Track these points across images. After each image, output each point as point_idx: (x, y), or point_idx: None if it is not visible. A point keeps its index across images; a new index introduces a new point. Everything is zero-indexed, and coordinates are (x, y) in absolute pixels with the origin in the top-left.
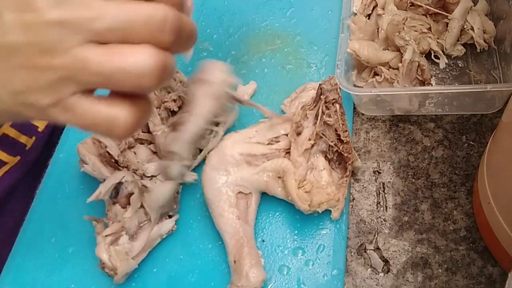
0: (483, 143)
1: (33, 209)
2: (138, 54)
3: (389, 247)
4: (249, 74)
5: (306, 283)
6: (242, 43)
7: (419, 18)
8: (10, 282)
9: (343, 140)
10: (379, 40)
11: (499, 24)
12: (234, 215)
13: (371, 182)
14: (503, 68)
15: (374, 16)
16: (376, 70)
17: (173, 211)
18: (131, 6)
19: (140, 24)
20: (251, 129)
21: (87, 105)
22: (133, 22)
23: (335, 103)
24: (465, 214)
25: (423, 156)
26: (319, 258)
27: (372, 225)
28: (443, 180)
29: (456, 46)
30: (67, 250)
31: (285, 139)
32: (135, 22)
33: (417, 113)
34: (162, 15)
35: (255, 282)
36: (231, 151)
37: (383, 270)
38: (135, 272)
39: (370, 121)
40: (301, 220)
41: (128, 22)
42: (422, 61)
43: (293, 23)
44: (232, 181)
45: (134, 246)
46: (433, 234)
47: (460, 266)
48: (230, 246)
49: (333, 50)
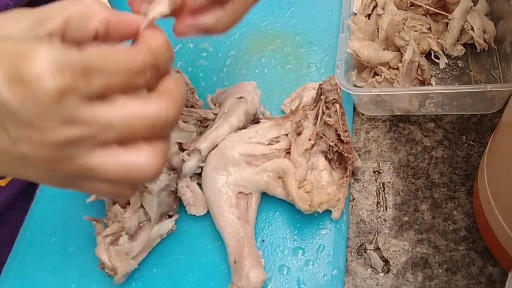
0: (483, 143)
1: (33, 209)
2: (140, 155)
3: (389, 247)
4: (249, 74)
5: (306, 283)
6: (242, 43)
7: (419, 18)
8: (10, 282)
9: (343, 140)
10: (379, 40)
11: (499, 24)
12: (234, 215)
13: (371, 182)
14: (503, 68)
15: (374, 16)
16: (376, 70)
17: (173, 211)
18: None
19: (143, 128)
20: (251, 129)
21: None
22: (136, 128)
23: (335, 103)
24: (465, 214)
25: (423, 156)
26: (319, 258)
27: (372, 225)
28: (443, 180)
29: (456, 46)
30: (67, 250)
31: (285, 139)
32: (139, 127)
33: (417, 113)
34: (164, 118)
35: (256, 282)
36: (231, 151)
37: (383, 270)
38: (135, 272)
39: (370, 121)
40: (301, 220)
41: (132, 128)
42: (422, 61)
43: (293, 23)
44: (232, 181)
45: (134, 246)
46: (433, 234)
47: (460, 266)
48: (230, 246)
49: (333, 50)
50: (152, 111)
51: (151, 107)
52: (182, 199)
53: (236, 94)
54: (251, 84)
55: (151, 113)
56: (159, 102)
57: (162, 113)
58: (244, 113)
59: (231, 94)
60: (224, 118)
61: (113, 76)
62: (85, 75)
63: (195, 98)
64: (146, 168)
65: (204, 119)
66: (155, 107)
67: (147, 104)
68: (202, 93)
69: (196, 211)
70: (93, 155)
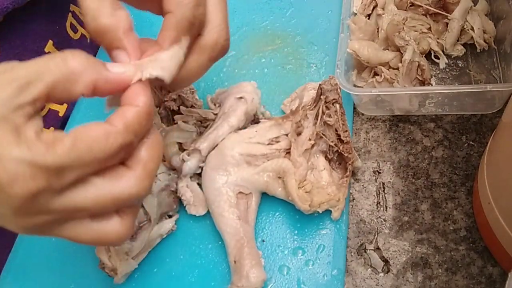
0: (483, 143)
1: None
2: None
3: (389, 247)
4: (249, 74)
5: (306, 283)
6: (242, 43)
7: (419, 18)
8: (10, 282)
9: (343, 140)
10: (379, 40)
11: (499, 24)
12: (234, 215)
13: (371, 182)
14: (503, 68)
15: (374, 16)
16: (376, 70)
17: (173, 211)
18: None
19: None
20: (251, 129)
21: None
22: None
23: (335, 103)
24: (465, 214)
25: (423, 156)
26: (319, 258)
27: (372, 225)
28: (443, 180)
29: (456, 46)
30: (67, 250)
31: (285, 139)
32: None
33: (417, 113)
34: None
35: (256, 282)
36: (231, 152)
37: (383, 270)
38: (135, 272)
39: (370, 121)
40: (301, 220)
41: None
42: (422, 61)
43: (293, 23)
44: (232, 181)
45: (134, 246)
46: (433, 234)
47: (460, 266)
48: (230, 246)
49: (333, 50)
50: (124, 191)
51: (123, 186)
52: (182, 199)
53: (236, 94)
54: (251, 84)
55: (123, 193)
56: (132, 180)
57: (133, 191)
58: (244, 113)
59: (231, 94)
60: (224, 118)
61: (87, 167)
62: (58, 174)
63: (195, 98)
64: (116, 236)
65: (204, 119)
66: (127, 185)
67: (120, 183)
68: (202, 93)
69: (196, 211)
70: (65, 229)
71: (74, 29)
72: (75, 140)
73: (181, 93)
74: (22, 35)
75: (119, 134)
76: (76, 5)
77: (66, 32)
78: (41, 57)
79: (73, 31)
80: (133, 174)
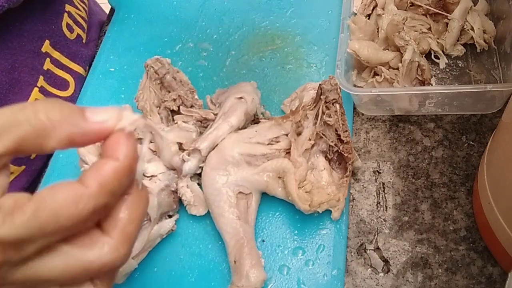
0: (483, 143)
1: None
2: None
3: (389, 247)
4: (249, 74)
5: (306, 283)
6: (242, 43)
7: (419, 18)
8: None
9: (343, 140)
10: (379, 40)
11: (499, 24)
12: (234, 216)
13: (371, 182)
14: (503, 68)
15: (374, 16)
16: (376, 70)
17: (173, 211)
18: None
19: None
20: (251, 129)
21: None
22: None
23: (335, 103)
24: (465, 214)
25: (423, 156)
26: (319, 258)
27: (372, 225)
28: (443, 180)
29: (456, 46)
30: None
31: (285, 139)
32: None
33: (417, 113)
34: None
35: (256, 282)
36: (231, 151)
37: (383, 270)
38: (135, 272)
39: (370, 121)
40: (301, 220)
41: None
42: (422, 61)
43: (293, 23)
44: (232, 181)
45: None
46: (433, 234)
47: (460, 266)
48: (230, 246)
49: (333, 50)
50: (97, 259)
51: (96, 254)
52: (182, 199)
53: (236, 94)
54: (251, 84)
55: (96, 262)
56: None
57: (108, 259)
58: (244, 113)
59: (231, 94)
60: (224, 118)
61: (52, 236)
62: (16, 247)
63: (195, 98)
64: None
65: (204, 119)
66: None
67: (92, 251)
68: (202, 93)
69: (196, 211)
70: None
71: (70, 29)
72: (38, 208)
73: (181, 93)
74: (19, 35)
75: (92, 197)
76: (71, 5)
77: (62, 32)
78: (11, 107)
79: (69, 31)
80: (108, 241)
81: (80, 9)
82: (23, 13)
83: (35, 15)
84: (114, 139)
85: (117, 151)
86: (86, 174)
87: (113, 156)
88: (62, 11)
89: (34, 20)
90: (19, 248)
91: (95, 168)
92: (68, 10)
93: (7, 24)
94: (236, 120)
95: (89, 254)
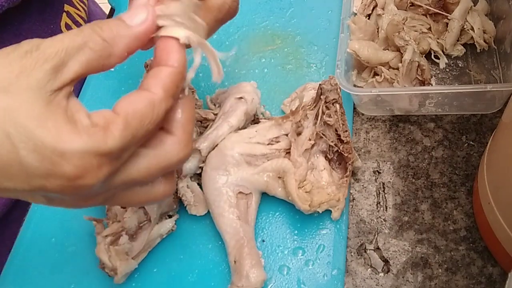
0: (483, 143)
1: (33, 209)
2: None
3: (389, 247)
4: (249, 74)
5: (306, 283)
6: (242, 43)
7: (419, 18)
8: (10, 282)
9: (343, 140)
10: (379, 40)
11: (499, 24)
12: (234, 216)
13: (371, 182)
14: (503, 68)
15: (374, 16)
16: (376, 70)
17: (173, 211)
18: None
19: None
20: (251, 129)
21: None
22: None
23: (335, 103)
24: (465, 214)
25: (423, 156)
26: (319, 258)
27: (372, 225)
28: (443, 180)
29: (456, 46)
30: (67, 250)
31: (285, 139)
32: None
33: (417, 113)
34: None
35: (256, 282)
36: (231, 151)
37: (383, 270)
38: (135, 272)
39: (370, 121)
40: (301, 220)
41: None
42: (422, 61)
43: (293, 23)
44: (232, 181)
45: (134, 246)
46: (433, 234)
47: (460, 266)
48: (230, 246)
49: (333, 50)
50: (172, 158)
51: (170, 154)
52: (182, 199)
53: (236, 95)
54: (251, 84)
55: (171, 160)
56: (176, 145)
57: (180, 156)
58: (244, 113)
59: (231, 94)
60: (224, 118)
61: (140, 141)
62: (119, 156)
63: (195, 98)
64: (163, 196)
65: (204, 119)
66: (174, 152)
67: (166, 152)
68: (202, 93)
69: (196, 211)
70: (116, 199)
71: (69, 29)
72: (127, 119)
73: None
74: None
75: (162, 102)
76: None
77: (61, 32)
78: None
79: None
80: (177, 140)
81: (79, 9)
82: (22, 13)
83: (33, 15)
84: (168, 48)
85: (171, 59)
86: (148, 82)
87: (167, 63)
88: (61, 11)
89: (33, 20)
90: (120, 157)
91: (154, 76)
92: (67, 10)
93: (5, 24)
94: (236, 120)
95: (164, 154)
